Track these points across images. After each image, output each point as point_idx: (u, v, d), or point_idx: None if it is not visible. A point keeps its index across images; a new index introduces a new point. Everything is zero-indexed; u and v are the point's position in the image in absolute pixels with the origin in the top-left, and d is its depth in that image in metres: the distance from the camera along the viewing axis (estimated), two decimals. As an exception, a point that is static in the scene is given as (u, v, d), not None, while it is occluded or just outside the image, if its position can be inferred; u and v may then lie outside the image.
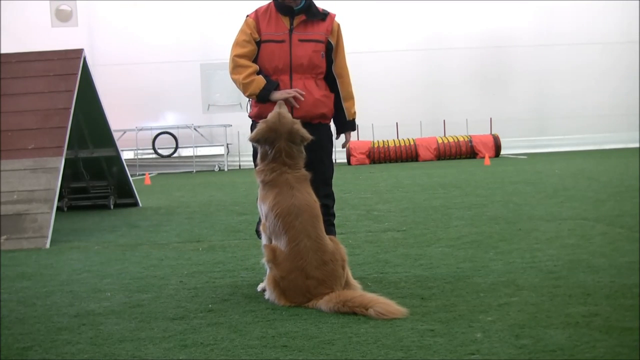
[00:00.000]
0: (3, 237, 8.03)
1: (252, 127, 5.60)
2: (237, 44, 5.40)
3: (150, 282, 5.70)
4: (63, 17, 24.16)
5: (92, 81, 10.56)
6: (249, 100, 5.57)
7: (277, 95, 5.30)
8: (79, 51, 9.94)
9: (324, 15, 5.48)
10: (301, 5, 5.41)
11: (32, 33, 22.81)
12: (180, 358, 3.72)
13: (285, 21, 5.40)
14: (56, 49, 10.25)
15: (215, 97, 24.48)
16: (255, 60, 5.39)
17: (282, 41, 5.36)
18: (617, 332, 3.79)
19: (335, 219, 5.70)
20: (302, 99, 5.30)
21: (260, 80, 5.30)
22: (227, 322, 4.35)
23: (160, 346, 3.93)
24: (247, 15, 5.49)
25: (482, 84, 25.12)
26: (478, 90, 25.08)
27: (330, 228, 5.43)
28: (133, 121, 23.45)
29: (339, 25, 5.55)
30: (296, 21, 5.41)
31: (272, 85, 5.30)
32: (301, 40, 5.38)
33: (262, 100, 5.33)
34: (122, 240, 8.25)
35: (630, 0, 25.00)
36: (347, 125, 5.65)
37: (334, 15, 5.55)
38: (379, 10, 24.51)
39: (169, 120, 24.67)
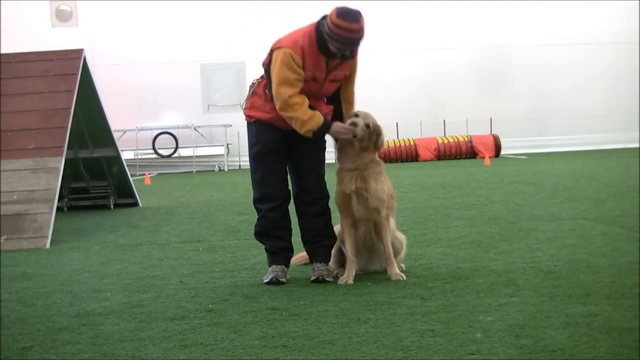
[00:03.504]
0: (3, 237, 8.03)
1: (249, 128, 5.59)
2: (285, 82, 5.24)
3: (150, 282, 5.70)
4: (63, 17, 24.17)
5: (92, 81, 10.55)
6: (247, 98, 5.58)
7: (335, 131, 5.39)
8: (79, 51, 9.93)
9: (352, 56, 5.44)
10: None
11: (32, 33, 22.79)
12: (180, 358, 3.72)
13: (324, 61, 5.36)
14: (56, 49, 10.24)
15: (215, 97, 24.48)
16: None
17: (317, 80, 5.39)
18: (617, 332, 3.79)
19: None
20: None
21: (318, 117, 5.30)
22: (227, 322, 4.35)
23: (160, 346, 3.93)
24: (288, 47, 5.26)
25: (482, 84, 25.10)
26: (478, 90, 25.06)
27: (328, 222, 5.58)
28: (133, 121, 23.43)
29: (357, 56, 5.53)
30: (332, 63, 5.38)
31: (329, 123, 5.36)
32: (331, 81, 5.46)
33: (317, 135, 5.36)
34: (122, 240, 8.25)
35: (630, 0, 24.99)
36: None
37: (358, 50, 5.46)
38: (379, 11, 24.50)
39: (169, 120, 24.65)
